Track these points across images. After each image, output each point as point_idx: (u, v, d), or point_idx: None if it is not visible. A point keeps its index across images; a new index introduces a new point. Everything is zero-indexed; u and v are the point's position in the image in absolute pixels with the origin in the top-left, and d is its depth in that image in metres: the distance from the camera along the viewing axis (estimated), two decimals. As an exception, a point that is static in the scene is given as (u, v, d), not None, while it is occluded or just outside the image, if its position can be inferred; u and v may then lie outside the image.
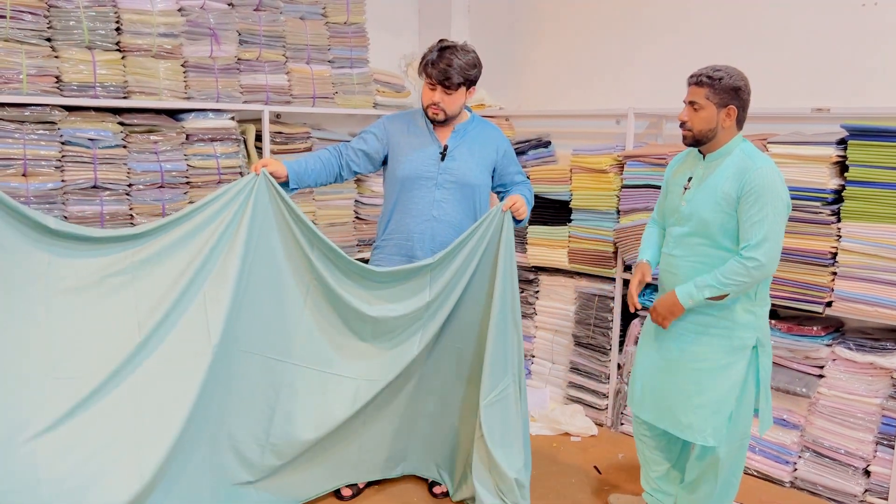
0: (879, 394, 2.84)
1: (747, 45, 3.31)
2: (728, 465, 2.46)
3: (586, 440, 3.51)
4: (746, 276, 2.27)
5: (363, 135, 2.86)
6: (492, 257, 2.67)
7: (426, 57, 2.71)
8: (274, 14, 3.49)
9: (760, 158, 2.31)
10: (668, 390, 2.49)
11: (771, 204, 2.25)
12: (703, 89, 2.32)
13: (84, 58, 2.93)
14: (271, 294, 2.57)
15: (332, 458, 2.77)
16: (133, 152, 3.06)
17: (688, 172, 2.47)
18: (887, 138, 2.71)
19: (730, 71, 2.32)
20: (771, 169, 2.28)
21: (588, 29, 3.93)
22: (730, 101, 2.31)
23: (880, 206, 2.75)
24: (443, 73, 2.64)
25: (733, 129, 2.35)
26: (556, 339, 3.81)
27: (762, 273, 2.27)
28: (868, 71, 3.01)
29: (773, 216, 2.25)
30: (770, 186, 2.25)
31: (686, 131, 2.38)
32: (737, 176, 2.29)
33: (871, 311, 2.80)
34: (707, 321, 2.39)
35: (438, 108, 2.71)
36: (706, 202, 2.35)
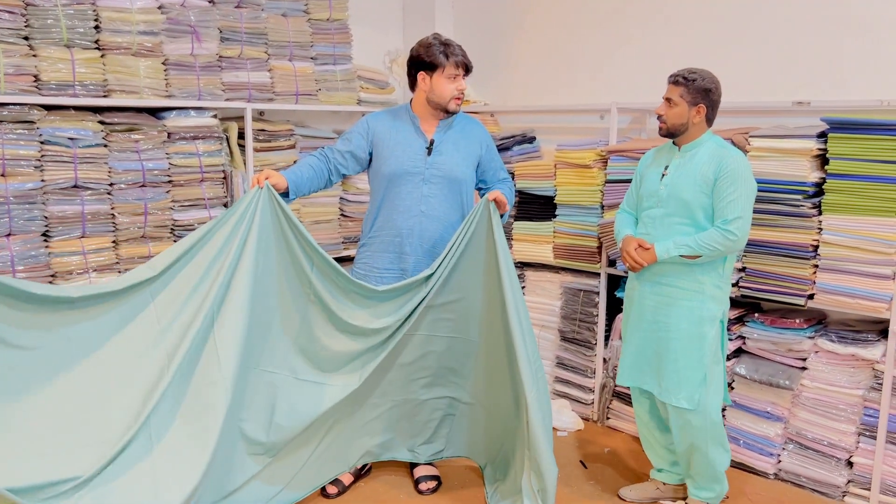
0: (861, 385, 2.85)
1: (729, 40, 3.32)
2: (709, 435, 2.65)
3: (573, 435, 3.52)
4: (721, 245, 2.53)
5: (347, 136, 2.86)
6: (482, 244, 2.67)
7: (432, 53, 2.72)
8: (255, 11, 3.47)
9: (732, 149, 2.62)
10: (648, 358, 2.74)
11: (744, 186, 2.53)
12: (679, 88, 2.61)
13: (63, 56, 2.91)
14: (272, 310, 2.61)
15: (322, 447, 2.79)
16: (114, 151, 3.04)
17: (664, 162, 2.72)
18: (867, 131, 2.73)
19: (703, 74, 2.61)
20: (743, 158, 2.59)
21: (572, 25, 3.93)
22: (700, 101, 2.60)
23: (861, 199, 2.76)
24: (466, 57, 2.77)
25: (703, 124, 2.64)
26: (542, 335, 3.81)
27: (735, 246, 2.54)
28: (847, 64, 3.02)
29: (745, 198, 2.53)
30: (743, 172, 2.54)
31: (662, 123, 2.67)
32: (713, 161, 2.57)
33: (853, 304, 2.81)
34: (679, 294, 2.64)
35: (462, 95, 2.80)
36: (686, 184, 2.60)
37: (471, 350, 2.82)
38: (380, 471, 3.10)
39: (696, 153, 2.61)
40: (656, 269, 2.67)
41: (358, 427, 2.83)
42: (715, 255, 2.56)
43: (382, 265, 2.84)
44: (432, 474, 3.00)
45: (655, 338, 2.70)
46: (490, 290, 2.70)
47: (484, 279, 2.72)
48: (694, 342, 2.61)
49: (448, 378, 2.86)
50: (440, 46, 2.73)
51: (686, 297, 2.62)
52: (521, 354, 2.57)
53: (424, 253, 2.80)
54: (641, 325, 2.75)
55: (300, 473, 2.76)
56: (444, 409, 2.91)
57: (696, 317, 2.61)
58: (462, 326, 2.79)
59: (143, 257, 3.13)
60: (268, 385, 2.63)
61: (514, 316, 2.59)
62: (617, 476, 3.12)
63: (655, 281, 2.68)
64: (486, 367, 2.82)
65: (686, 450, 2.72)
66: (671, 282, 2.64)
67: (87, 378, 2.30)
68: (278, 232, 2.56)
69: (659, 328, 2.68)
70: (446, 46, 2.74)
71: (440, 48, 2.73)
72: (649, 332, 2.72)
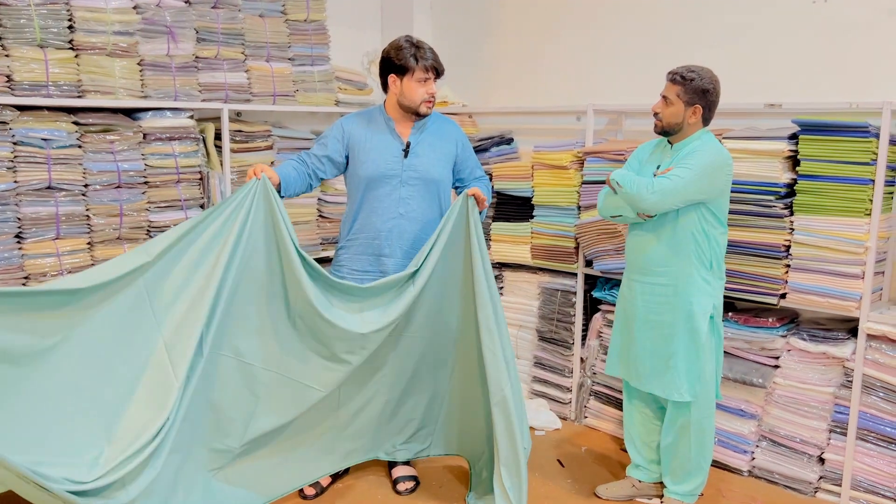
0: (832, 383, 2.90)
1: (703, 43, 3.36)
2: (699, 427, 2.70)
3: (550, 434, 3.55)
4: (635, 189, 2.56)
5: (323, 140, 2.86)
6: (461, 240, 2.69)
7: (402, 56, 2.71)
8: (232, 12, 3.46)
9: (715, 144, 2.62)
10: (645, 356, 2.74)
11: (699, 165, 2.52)
12: (677, 87, 2.59)
13: (36, 56, 2.88)
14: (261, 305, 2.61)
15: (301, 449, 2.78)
16: (89, 152, 3.02)
17: (656, 161, 2.72)
18: (837, 133, 2.77)
19: (702, 73, 2.58)
20: (718, 150, 2.59)
21: (549, 27, 3.95)
22: (697, 101, 2.58)
23: (831, 200, 2.81)
24: (437, 61, 2.74)
25: (699, 124, 2.64)
26: (520, 335, 3.83)
27: (649, 200, 2.53)
28: (818, 67, 3.08)
29: (692, 175, 2.52)
30: (706, 156, 2.54)
31: (657, 121, 2.66)
32: (689, 153, 2.59)
33: (824, 302, 2.86)
34: (669, 290, 2.66)
35: (433, 99, 2.78)
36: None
37: (450, 347, 2.83)
38: (358, 471, 3.10)
39: (683, 152, 2.62)
40: (647, 266, 2.70)
41: (339, 428, 2.83)
42: (627, 199, 2.59)
43: (361, 267, 2.84)
44: (410, 474, 3.01)
45: (652, 337, 2.72)
46: (468, 287, 2.71)
47: (462, 276, 2.73)
48: (689, 336, 2.64)
49: (428, 376, 2.87)
50: (411, 49, 2.71)
51: (676, 293, 2.64)
52: (497, 352, 2.58)
53: (403, 254, 2.81)
54: (636, 324, 2.76)
55: (278, 474, 2.75)
56: (425, 408, 2.92)
57: (687, 311, 2.63)
58: (441, 324, 2.79)
59: (118, 259, 3.11)
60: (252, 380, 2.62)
61: (490, 313, 2.60)
62: (594, 474, 3.14)
63: (646, 280, 2.71)
64: (466, 364, 2.83)
65: (672, 442, 2.76)
66: (661, 279, 2.67)
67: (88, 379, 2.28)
68: (270, 226, 2.55)
69: (652, 326, 2.71)
70: (417, 49, 2.72)
71: (410, 51, 2.71)
72: (645, 332, 2.74)
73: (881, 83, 2.92)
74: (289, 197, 2.75)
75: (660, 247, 2.67)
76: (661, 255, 2.67)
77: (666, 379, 2.69)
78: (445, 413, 2.93)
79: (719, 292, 2.71)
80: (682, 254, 2.63)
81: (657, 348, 2.71)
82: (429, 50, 2.74)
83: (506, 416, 2.57)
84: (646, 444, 2.93)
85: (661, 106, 2.64)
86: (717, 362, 2.74)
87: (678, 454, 2.77)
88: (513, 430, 2.57)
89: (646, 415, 2.91)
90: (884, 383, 2.77)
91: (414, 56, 2.71)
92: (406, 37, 2.79)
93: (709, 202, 2.60)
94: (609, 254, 3.36)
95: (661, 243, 2.66)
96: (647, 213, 2.64)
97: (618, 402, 3.44)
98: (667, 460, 2.82)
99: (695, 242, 2.62)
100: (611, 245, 3.34)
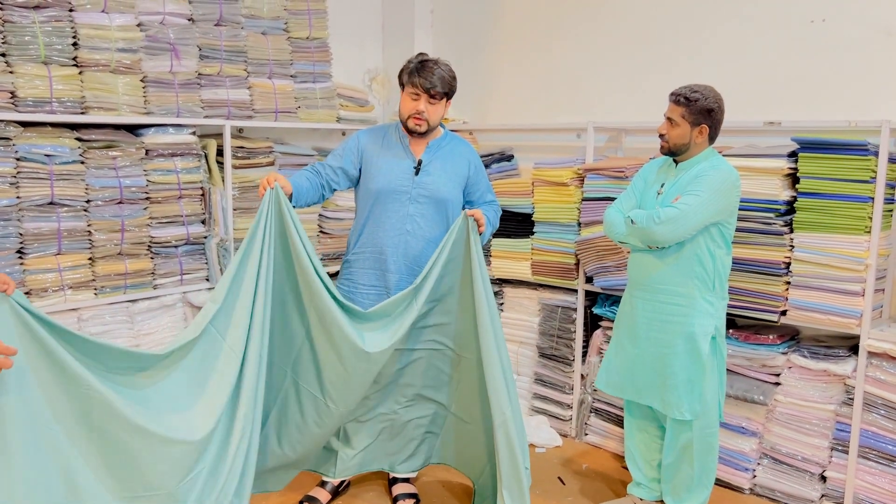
0: (833, 400, 2.90)
1: (702, 61, 3.39)
2: (702, 447, 2.69)
3: (551, 451, 3.53)
4: (643, 222, 2.55)
5: (338, 152, 2.86)
6: (460, 260, 2.68)
7: (407, 67, 2.73)
8: (235, 29, 3.49)
9: (723, 164, 2.61)
10: (647, 374, 2.73)
11: (707, 190, 2.50)
12: (681, 108, 2.58)
13: (40, 73, 2.90)
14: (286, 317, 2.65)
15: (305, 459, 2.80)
16: (91, 168, 3.03)
17: (661, 179, 2.72)
18: (836, 150, 2.79)
19: (706, 93, 2.57)
20: (727, 171, 2.57)
21: (549, 45, 3.98)
22: (703, 121, 2.58)
23: (831, 217, 2.82)
24: (428, 81, 2.68)
25: (705, 143, 2.64)
26: (520, 351, 3.83)
27: (658, 231, 2.52)
28: (817, 85, 3.10)
29: (700, 201, 2.50)
30: (717, 179, 2.53)
31: (663, 143, 2.65)
32: (696, 176, 2.58)
33: (824, 320, 2.86)
34: (670, 309, 2.65)
35: (422, 118, 2.73)
36: (670, 202, 2.57)
37: (451, 366, 2.83)
38: (358, 488, 3.09)
39: (689, 172, 2.61)
40: (650, 283, 2.69)
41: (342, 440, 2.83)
42: (639, 234, 2.59)
43: (367, 282, 2.84)
44: (410, 492, 3.00)
45: (652, 354, 2.71)
46: (468, 307, 2.71)
47: (461, 294, 2.73)
48: (689, 356, 2.63)
49: (429, 393, 2.86)
50: (413, 65, 2.73)
51: (678, 313, 2.63)
52: (498, 373, 2.57)
53: (408, 271, 2.80)
54: (637, 341, 2.76)
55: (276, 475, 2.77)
56: (427, 426, 2.90)
57: (688, 333, 2.62)
58: (442, 341, 2.79)
59: (119, 274, 3.12)
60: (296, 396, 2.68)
61: (490, 334, 2.60)
62: (595, 492, 3.13)
63: (648, 298, 2.71)
64: (467, 382, 2.83)
65: (673, 462, 2.75)
66: (663, 298, 2.66)
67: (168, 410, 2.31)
68: (284, 236, 2.56)
69: (653, 344, 2.70)
70: (419, 66, 2.71)
71: (410, 66, 2.73)
72: (646, 348, 2.73)
73: (879, 102, 2.94)
74: (299, 207, 2.75)
75: (664, 266, 2.65)
76: (664, 274, 2.65)
77: (666, 396, 2.68)
78: (446, 429, 2.92)
79: (722, 312, 2.69)
80: (686, 275, 2.62)
81: (657, 365, 2.70)
82: (430, 70, 2.69)
83: (507, 438, 2.56)
84: (647, 462, 2.92)
85: (666, 128, 2.63)
86: (721, 382, 2.73)
87: (679, 473, 2.76)
88: (514, 452, 2.56)
89: (647, 433, 2.90)
90: (885, 401, 2.76)
91: (409, 71, 2.72)
92: (420, 54, 2.79)
93: (720, 223, 2.59)
94: (609, 270, 3.36)
95: (666, 263, 2.65)
96: (658, 245, 2.61)
97: (619, 420, 3.43)
98: (667, 479, 2.81)
99: (699, 263, 2.61)
100: (611, 262, 3.34)
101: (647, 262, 2.70)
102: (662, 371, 2.68)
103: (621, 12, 3.68)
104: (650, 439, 2.90)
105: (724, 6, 3.32)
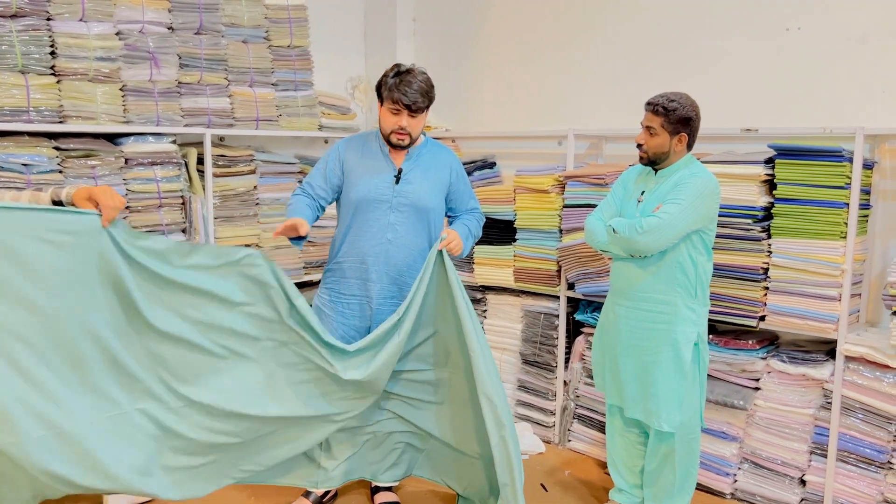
0: (812, 404, 2.92)
1: (681, 69, 3.42)
2: (683, 454, 2.70)
3: (534, 458, 3.54)
4: (626, 231, 2.57)
5: (321, 169, 2.85)
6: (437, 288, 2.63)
7: (385, 83, 2.70)
8: (215, 38, 3.48)
9: (702, 171, 2.62)
10: (629, 382, 2.74)
11: (688, 198, 2.52)
12: (659, 118, 2.59)
13: (17, 82, 2.89)
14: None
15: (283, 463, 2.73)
16: (70, 177, 3.01)
17: (641, 187, 2.72)
18: (812, 157, 2.82)
19: (683, 102, 2.58)
20: (706, 179, 2.58)
21: (531, 53, 4.00)
22: (682, 130, 2.59)
23: (807, 223, 2.85)
24: (408, 97, 2.64)
25: (684, 151, 2.65)
26: (503, 358, 3.84)
27: (640, 241, 2.53)
28: (793, 93, 3.13)
29: (681, 209, 2.51)
30: (697, 186, 2.54)
31: (642, 153, 2.66)
32: (675, 184, 2.58)
33: (802, 324, 2.89)
34: (653, 317, 2.65)
35: (404, 132, 2.71)
36: (651, 211, 2.59)
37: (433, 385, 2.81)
38: (341, 497, 3.07)
39: (669, 179, 2.62)
40: (632, 291, 2.69)
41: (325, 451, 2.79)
42: (622, 243, 2.60)
43: (348, 291, 2.83)
44: (392, 500, 2.99)
45: (634, 361, 2.71)
46: (449, 327, 2.68)
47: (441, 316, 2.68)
48: (672, 365, 2.62)
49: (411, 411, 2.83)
50: (393, 79, 2.68)
51: (661, 321, 2.63)
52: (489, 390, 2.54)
53: (390, 280, 2.79)
54: (618, 348, 2.75)
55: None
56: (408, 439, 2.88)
57: (671, 340, 2.62)
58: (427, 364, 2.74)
59: (98, 284, 3.09)
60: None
61: (479, 355, 2.55)
62: (577, 498, 3.13)
63: (631, 306, 2.70)
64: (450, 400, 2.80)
65: (655, 469, 2.76)
66: (646, 305, 2.66)
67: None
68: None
69: (636, 352, 2.70)
70: (397, 79, 2.67)
71: (389, 81, 2.68)
72: (628, 356, 2.73)
73: (854, 109, 2.98)
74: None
75: (645, 274, 2.65)
76: (646, 282, 2.65)
77: (649, 406, 2.68)
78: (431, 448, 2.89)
79: (704, 319, 2.70)
80: (668, 282, 2.62)
81: (639, 374, 2.70)
82: (408, 84, 2.65)
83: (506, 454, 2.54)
84: (628, 469, 2.93)
85: (645, 137, 2.62)
86: (701, 389, 2.73)
87: (660, 480, 2.76)
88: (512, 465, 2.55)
89: (628, 439, 2.91)
90: (862, 405, 2.79)
91: (389, 86, 2.68)
92: (397, 65, 2.74)
93: (701, 230, 2.60)
94: (591, 277, 3.38)
95: (647, 271, 2.64)
96: (641, 254, 2.61)
97: (601, 426, 3.44)
98: (649, 485, 2.81)
99: (682, 271, 2.61)
100: (592, 268, 3.36)
101: (629, 270, 2.70)
102: (644, 380, 2.69)
103: (602, 21, 3.71)
104: (631, 446, 2.91)
105: (703, 15, 3.36)
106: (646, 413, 2.69)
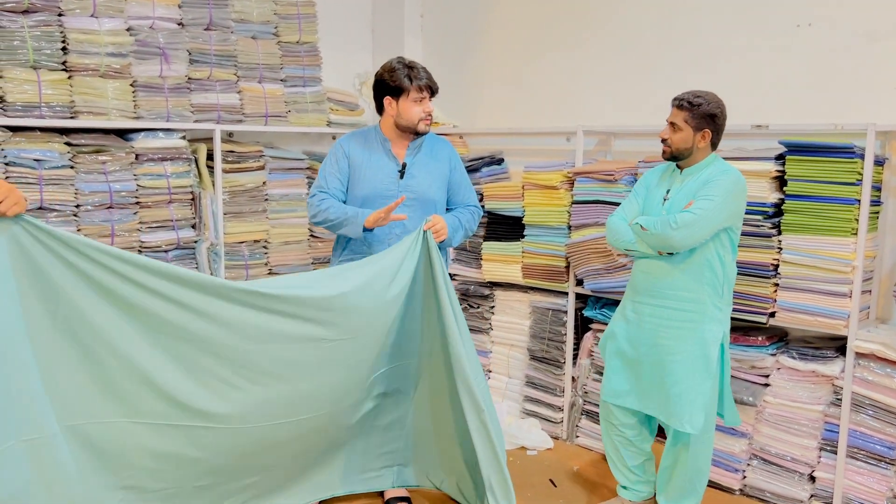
0: (822, 401, 2.92)
1: (691, 65, 3.41)
2: (698, 451, 2.67)
3: (542, 453, 3.54)
4: (659, 227, 2.54)
5: (331, 170, 2.85)
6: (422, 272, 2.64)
7: (397, 78, 2.73)
8: (225, 34, 3.49)
9: (731, 169, 2.61)
10: (651, 382, 2.70)
11: (720, 194, 2.51)
12: (683, 113, 2.59)
13: (29, 77, 2.90)
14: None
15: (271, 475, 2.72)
16: (81, 173, 3.02)
17: (666, 185, 2.71)
18: (822, 153, 2.82)
19: (709, 98, 2.59)
20: (737, 176, 2.59)
21: (539, 49, 4.00)
22: (705, 126, 2.59)
23: (818, 219, 2.85)
24: (430, 79, 2.78)
25: (707, 148, 2.64)
26: (511, 354, 3.84)
27: (675, 237, 2.51)
28: (804, 89, 3.13)
29: (714, 205, 2.50)
30: (728, 183, 2.54)
31: (666, 147, 2.66)
32: (705, 181, 2.57)
33: (812, 321, 2.89)
34: (679, 315, 2.62)
35: (430, 116, 2.81)
36: (681, 209, 2.57)
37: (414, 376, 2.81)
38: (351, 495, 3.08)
39: (697, 177, 2.61)
40: (658, 289, 2.66)
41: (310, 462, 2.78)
42: (653, 240, 2.58)
43: None
44: (402, 496, 2.99)
45: (657, 361, 2.67)
46: (431, 317, 2.68)
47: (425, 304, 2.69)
48: (698, 364, 2.59)
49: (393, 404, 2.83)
50: (404, 70, 2.75)
51: (689, 319, 2.60)
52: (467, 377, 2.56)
53: None
54: (640, 348, 2.72)
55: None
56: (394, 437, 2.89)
57: (699, 338, 2.59)
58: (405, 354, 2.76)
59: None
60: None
61: (457, 338, 2.56)
62: (586, 494, 3.14)
63: (657, 304, 2.67)
64: (431, 391, 2.81)
65: (670, 465, 2.75)
66: (673, 304, 2.63)
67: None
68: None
69: (661, 351, 2.65)
70: (410, 70, 2.75)
71: (404, 72, 2.74)
72: (650, 356, 2.69)
73: (865, 105, 2.97)
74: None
75: (674, 271, 2.62)
76: (674, 279, 2.62)
77: (670, 407, 2.65)
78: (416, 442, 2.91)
79: (728, 318, 2.67)
80: (697, 280, 2.60)
81: (663, 373, 2.65)
82: (422, 69, 2.78)
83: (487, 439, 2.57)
84: (627, 468, 2.89)
85: (668, 132, 2.63)
86: (725, 386, 2.71)
87: (675, 476, 2.75)
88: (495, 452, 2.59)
89: (623, 439, 2.86)
90: (872, 401, 2.78)
91: (408, 76, 2.74)
92: (398, 58, 2.82)
93: (729, 228, 2.60)
94: (599, 273, 3.38)
95: (677, 269, 2.61)
96: (673, 250, 2.59)
97: (609, 422, 3.44)
98: (663, 481, 2.80)
99: (710, 269, 2.60)
100: (601, 264, 3.36)
101: (656, 268, 2.66)
102: (664, 379, 2.65)
103: (610, 17, 3.70)
104: (627, 446, 2.86)
105: (712, 11, 3.35)
106: (667, 414, 2.66)
